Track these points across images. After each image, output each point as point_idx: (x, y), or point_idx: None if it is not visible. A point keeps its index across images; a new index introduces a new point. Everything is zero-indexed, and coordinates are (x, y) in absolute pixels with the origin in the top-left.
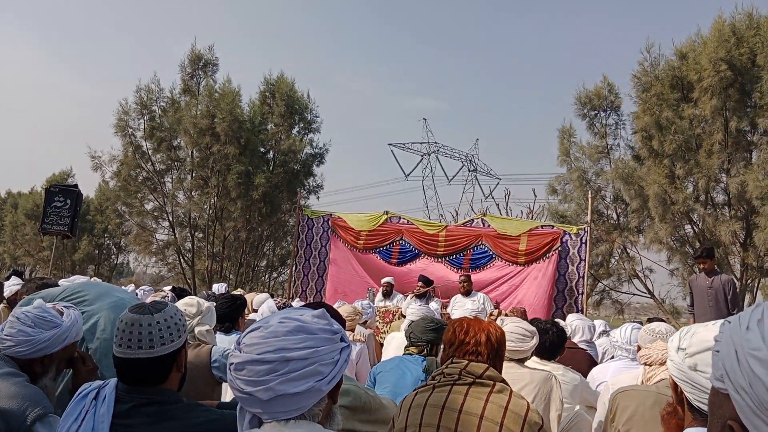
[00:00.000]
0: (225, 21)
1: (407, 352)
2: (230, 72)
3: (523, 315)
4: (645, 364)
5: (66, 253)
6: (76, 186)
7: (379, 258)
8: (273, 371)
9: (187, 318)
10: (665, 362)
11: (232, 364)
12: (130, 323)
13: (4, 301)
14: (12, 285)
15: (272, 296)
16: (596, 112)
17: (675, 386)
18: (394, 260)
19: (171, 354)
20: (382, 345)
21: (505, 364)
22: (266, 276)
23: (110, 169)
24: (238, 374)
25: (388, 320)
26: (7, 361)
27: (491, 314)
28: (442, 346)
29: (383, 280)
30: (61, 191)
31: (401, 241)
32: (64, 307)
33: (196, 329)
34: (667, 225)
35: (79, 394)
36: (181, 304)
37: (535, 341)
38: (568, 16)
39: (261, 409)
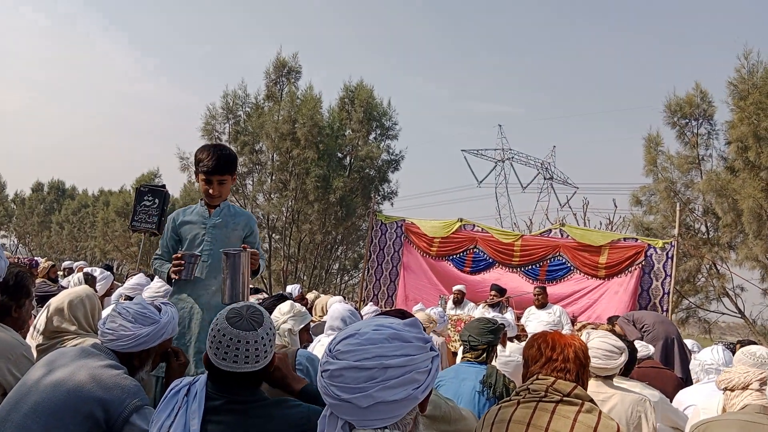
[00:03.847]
0: (296, 27)
1: (465, 358)
2: (303, 75)
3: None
4: (726, 389)
5: (152, 249)
6: (164, 186)
7: (452, 266)
8: (372, 378)
9: (280, 315)
10: (747, 386)
11: (326, 371)
12: (235, 339)
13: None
14: (105, 280)
15: (344, 299)
16: (687, 120)
17: None
18: (468, 268)
19: (270, 362)
20: (454, 354)
21: (592, 382)
22: (338, 279)
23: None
24: (333, 381)
25: (459, 329)
26: (108, 354)
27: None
28: (521, 358)
29: (454, 288)
30: (150, 191)
31: (475, 250)
32: (162, 303)
33: (281, 327)
34: (763, 241)
35: (171, 391)
36: (281, 306)
37: (623, 358)
38: (656, 19)
39: (356, 416)
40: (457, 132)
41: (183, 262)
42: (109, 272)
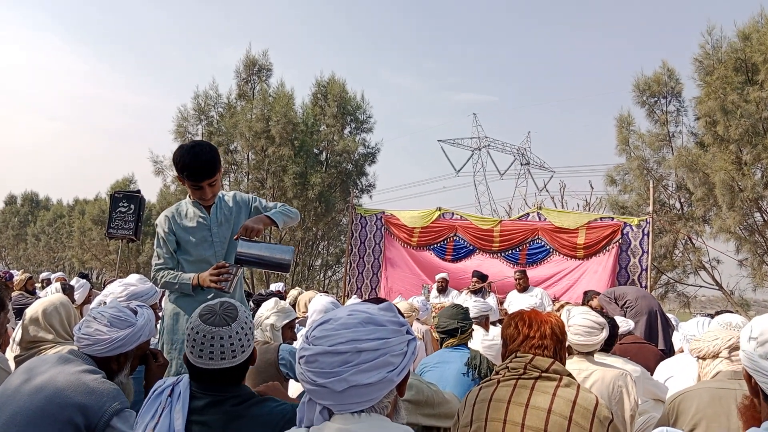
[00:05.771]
0: (265, 24)
1: (448, 344)
2: (275, 72)
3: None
4: (698, 357)
5: (131, 256)
6: (138, 191)
7: (433, 255)
8: (346, 362)
9: (265, 311)
10: (718, 355)
11: (302, 357)
12: (209, 336)
13: (75, 302)
14: (82, 289)
15: (327, 294)
16: (656, 99)
17: (749, 377)
18: (449, 257)
19: (249, 357)
20: (438, 341)
21: (575, 359)
22: (321, 274)
23: (171, 173)
24: (309, 367)
25: None
26: (85, 359)
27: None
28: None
29: (438, 276)
30: (125, 197)
31: (455, 237)
32: (138, 306)
33: (264, 322)
34: (735, 213)
35: (154, 392)
36: (267, 302)
37: (604, 334)
38: (624, 4)
39: (333, 401)
40: (432, 123)
41: (231, 272)
42: (85, 280)
